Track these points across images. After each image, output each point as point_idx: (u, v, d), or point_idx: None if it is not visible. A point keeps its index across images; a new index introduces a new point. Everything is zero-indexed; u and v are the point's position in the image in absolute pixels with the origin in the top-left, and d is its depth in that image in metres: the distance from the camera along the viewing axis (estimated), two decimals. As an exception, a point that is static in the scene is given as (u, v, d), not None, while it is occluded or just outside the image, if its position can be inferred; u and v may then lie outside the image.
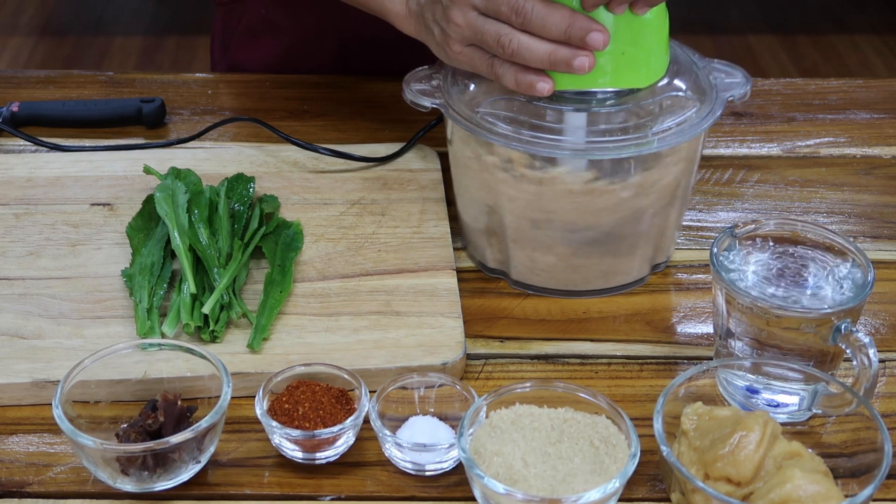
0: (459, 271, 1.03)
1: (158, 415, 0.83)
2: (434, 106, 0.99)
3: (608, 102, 0.94)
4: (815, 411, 0.86)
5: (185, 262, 0.98)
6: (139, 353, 0.88)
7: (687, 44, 1.06)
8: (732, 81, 1.01)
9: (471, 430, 0.81)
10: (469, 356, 0.95)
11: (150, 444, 0.79)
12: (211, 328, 0.93)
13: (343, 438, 0.84)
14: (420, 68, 1.04)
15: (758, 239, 0.92)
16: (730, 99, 1.00)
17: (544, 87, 0.92)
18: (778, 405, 0.88)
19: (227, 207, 1.06)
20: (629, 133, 0.94)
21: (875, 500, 0.77)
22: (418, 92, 1.01)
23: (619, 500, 0.80)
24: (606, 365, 0.95)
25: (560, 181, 0.96)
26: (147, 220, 1.05)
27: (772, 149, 1.24)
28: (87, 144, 1.21)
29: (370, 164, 1.16)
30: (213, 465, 0.85)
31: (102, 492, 0.83)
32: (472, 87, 0.99)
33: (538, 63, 0.91)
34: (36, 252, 1.04)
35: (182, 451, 0.81)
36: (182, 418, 0.84)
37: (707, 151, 1.21)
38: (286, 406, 0.85)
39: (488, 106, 0.96)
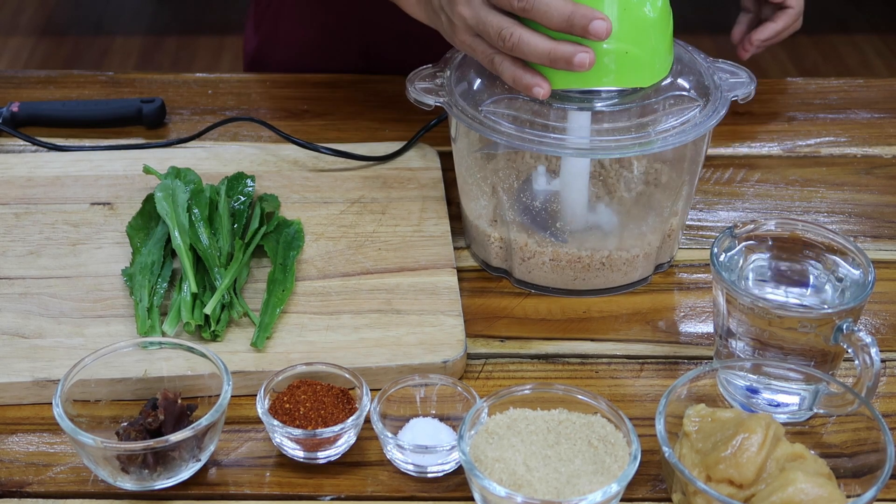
0: (460, 271, 1.03)
1: (158, 413, 0.83)
2: (438, 104, 0.99)
3: (612, 101, 0.94)
4: (816, 411, 0.86)
5: (185, 262, 0.98)
6: (140, 351, 0.88)
7: (688, 43, 1.06)
8: (737, 81, 1.01)
9: (471, 433, 0.81)
10: (469, 356, 0.95)
11: (150, 443, 0.79)
12: (212, 328, 0.93)
13: (344, 438, 0.84)
14: (423, 67, 1.03)
15: (758, 239, 0.92)
16: (734, 98, 0.99)
17: (540, 91, 0.91)
18: (778, 405, 0.88)
19: (228, 206, 1.06)
20: (633, 132, 0.94)
21: (878, 500, 0.77)
22: (422, 90, 1.00)
23: (621, 500, 0.80)
24: (607, 364, 0.95)
25: (566, 176, 0.96)
26: (147, 219, 1.05)
27: (772, 148, 1.24)
28: (87, 144, 1.21)
29: (370, 163, 1.16)
30: (214, 465, 0.85)
31: (102, 491, 0.83)
32: (475, 84, 0.98)
33: (538, 58, 0.90)
34: (36, 251, 1.04)
35: (182, 450, 0.81)
36: (182, 417, 0.84)
37: (707, 151, 1.21)
38: (287, 405, 0.85)
39: (491, 104, 0.96)
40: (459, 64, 1.02)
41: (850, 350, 0.83)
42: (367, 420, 0.85)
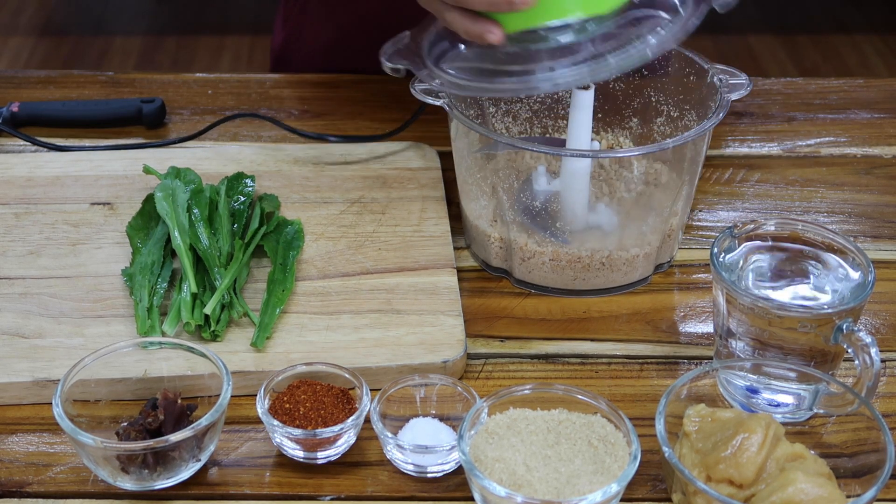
0: (460, 271, 1.03)
1: (158, 413, 0.83)
2: (437, 105, 0.99)
3: (580, 31, 0.90)
4: (816, 411, 0.86)
5: (185, 261, 0.98)
6: (139, 351, 0.88)
7: (687, 44, 1.05)
8: (736, 82, 1.01)
9: (471, 433, 0.81)
10: (469, 356, 0.95)
11: (150, 443, 0.79)
12: (212, 328, 0.93)
13: (344, 438, 0.84)
14: (400, 35, 1.01)
15: (758, 239, 0.92)
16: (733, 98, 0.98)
17: (492, 36, 0.89)
18: (778, 405, 0.88)
19: (228, 206, 1.06)
20: (590, 61, 0.90)
21: (878, 500, 0.77)
22: (422, 91, 1.00)
23: (621, 500, 0.80)
24: (607, 364, 0.95)
25: (566, 176, 0.96)
26: (147, 219, 1.05)
27: (772, 148, 1.24)
28: (87, 144, 1.21)
29: (369, 162, 1.16)
30: (214, 465, 0.85)
31: (102, 491, 0.83)
32: (441, 46, 0.96)
33: (479, 4, 0.88)
34: (36, 251, 1.04)
35: (182, 450, 0.81)
36: (182, 417, 0.84)
37: (707, 151, 1.21)
38: (287, 405, 0.85)
39: (449, 59, 0.94)
40: (434, 32, 1.01)
41: (850, 350, 0.83)
42: (367, 420, 0.85)
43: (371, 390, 0.87)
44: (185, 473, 0.83)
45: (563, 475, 0.79)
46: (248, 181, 1.09)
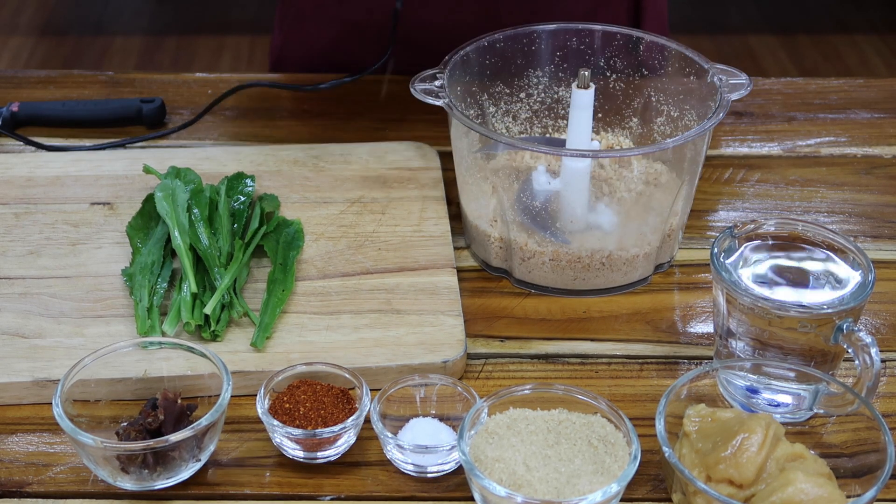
0: (460, 271, 1.03)
1: (158, 413, 0.83)
2: (438, 105, 0.99)
3: None
4: (816, 411, 0.86)
5: (185, 261, 0.98)
6: (139, 351, 0.88)
7: (687, 44, 1.06)
8: (736, 82, 1.01)
9: (471, 433, 0.81)
10: (469, 356, 0.95)
11: (150, 443, 0.79)
12: (212, 328, 0.93)
13: (344, 437, 0.84)
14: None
15: (758, 239, 0.92)
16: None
17: None
18: (778, 405, 0.88)
19: (228, 206, 1.06)
20: None
21: (878, 500, 0.77)
22: (422, 91, 1.00)
23: (621, 500, 0.80)
24: (607, 364, 0.95)
25: (566, 176, 0.96)
26: (147, 219, 1.05)
27: (772, 148, 1.24)
28: (86, 144, 1.21)
29: (369, 162, 1.16)
30: (214, 465, 0.85)
31: (102, 491, 0.83)
32: None
33: None
34: (36, 251, 1.04)
35: (182, 450, 0.81)
36: (182, 417, 0.84)
37: (707, 151, 1.21)
38: (287, 405, 0.85)
39: None
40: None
41: (850, 350, 0.83)
42: (367, 420, 0.85)
43: (371, 390, 0.87)
44: (185, 473, 0.83)
45: (563, 475, 0.79)
46: (248, 181, 1.09)
